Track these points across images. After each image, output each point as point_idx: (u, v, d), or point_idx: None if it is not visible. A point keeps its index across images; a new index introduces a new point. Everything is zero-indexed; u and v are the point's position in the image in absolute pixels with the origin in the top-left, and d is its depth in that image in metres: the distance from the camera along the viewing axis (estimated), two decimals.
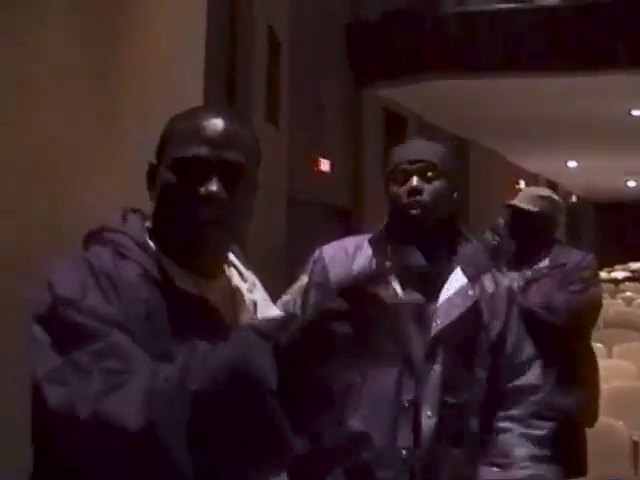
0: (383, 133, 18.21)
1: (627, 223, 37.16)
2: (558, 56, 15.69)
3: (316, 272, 2.93)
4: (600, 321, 10.15)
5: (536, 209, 5.23)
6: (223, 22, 12.38)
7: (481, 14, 17.37)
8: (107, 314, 1.66)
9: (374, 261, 2.87)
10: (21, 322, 2.03)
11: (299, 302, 2.92)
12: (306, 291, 2.93)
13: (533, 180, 29.15)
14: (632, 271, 25.81)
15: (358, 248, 2.94)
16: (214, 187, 1.76)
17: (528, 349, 2.94)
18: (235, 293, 1.94)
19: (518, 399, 2.88)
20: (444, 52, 16.68)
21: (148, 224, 1.91)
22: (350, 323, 1.30)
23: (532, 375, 2.93)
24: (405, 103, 18.91)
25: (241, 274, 2.00)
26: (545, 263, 5.22)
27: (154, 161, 1.89)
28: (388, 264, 2.78)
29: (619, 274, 25.17)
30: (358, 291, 1.32)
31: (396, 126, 19.26)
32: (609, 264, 26.76)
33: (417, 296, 2.74)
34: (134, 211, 1.95)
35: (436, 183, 2.85)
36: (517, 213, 5.32)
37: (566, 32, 15.92)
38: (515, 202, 5.36)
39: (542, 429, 2.88)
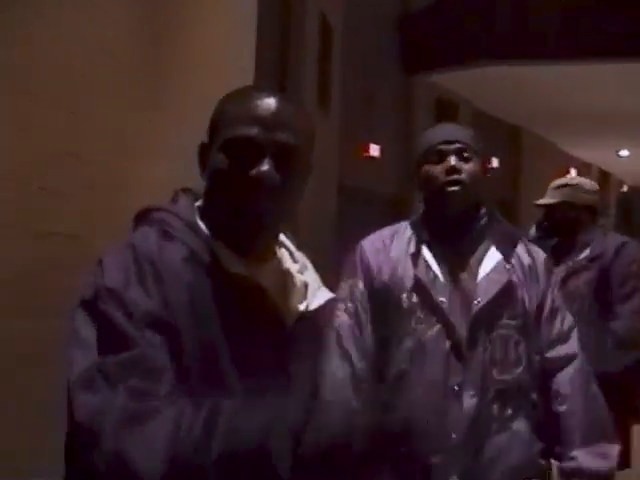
0: (434, 120, 18.13)
1: None
2: (612, 42, 15.54)
3: (363, 270, 2.95)
4: None
5: (554, 200, 5.16)
6: (275, 9, 12.41)
7: None
8: (146, 309, 1.67)
9: (413, 243, 2.89)
10: (20, 320, 2.08)
11: (364, 307, 2.92)
12: (363, 292, 2.94)
13: (585, 169, 28.89)
14: None
15: (395, 233, 2.97)
16: (265, 168, 1.74)
17: (568, 319, 2.94)
18: (286, 275, 1.93)
19: (558, 370, 2.88)
20: (496, 37, 16.58)
21: (199, 204, 1.89)
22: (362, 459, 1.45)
23: (570, 345, 2.92)
24: (457, 89, 18.83)
25: (292, 255, 2.00)
26: (586, 253, 5.07)
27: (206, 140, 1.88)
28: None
29: None
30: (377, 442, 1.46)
31: (447, 113, 19.16)
32: None
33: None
34: (185, 191, 1.93)
35: (472, 164, 2.89)
36: (546, 211, 5.28)
37: (620, 17, 15.76)
38: (538, 201, 5.31)
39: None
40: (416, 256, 2.85)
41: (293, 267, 1.97)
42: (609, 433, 2.93)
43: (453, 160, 2.86)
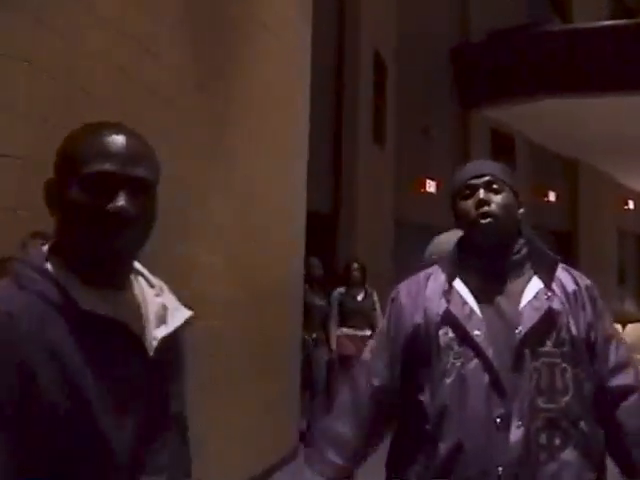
0: (490, 153, 18.13)
1: None
2: None
3: (394, 311, 2.99)
4: None
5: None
6: (331, 46, 12.53)
7: (588, 31, 17.21)
8: None
9: (445, 279, 2.90)
10: None
11: (385, 346, 2.98)
12: (388, 332, 2.99)
13: None
14: None
15: (430, 275, 2.99)
16: (122, 202, 1.79)
17: (622, 348, 2.90)
18: (144, 302, 1.97)
19: (620, 400, 2.85)
20: (551, 71, 16.56)
21: (48, 245, 1.90)
22: None
23: (629, 375, 2.89)
24: (512, 123, 18.80)
25: (148, 280, 2.04)
26: None
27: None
28: None
29: None
30: None
31: (503, 147, 19.15)
32: None
33: None
34: (34, 235, 1.96)
35: (503, 195, 2.89)
36: None
37: None
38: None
39: None
40: (449, 292, 2.86)
41: (150, 292, 2.01)
42: None
43: (482, 193, 2.87)
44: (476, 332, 2.78)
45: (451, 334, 2.81)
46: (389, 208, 14.19)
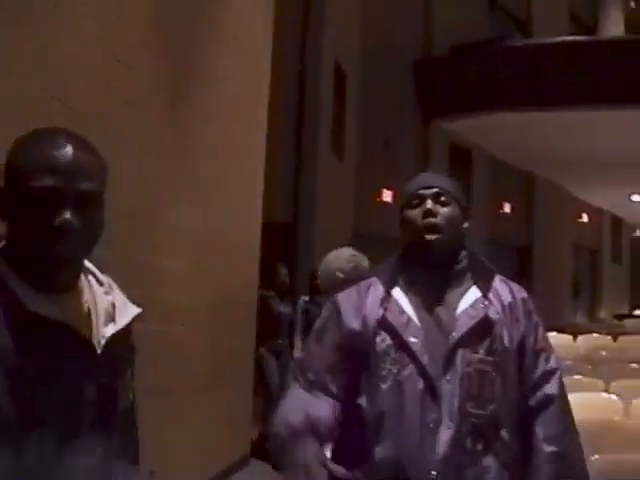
0: (449, 166, 18.22)
1: None
2: (626, 89, 15.61)
3: (331, 318, 3.02)
4: None
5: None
6: (293, 57, 12.55)
7: (548, 47, 17.38)
8: None
9: (384, 288, 2.94)
10: None
11: (319, 348, 3.02)
12: (323, 336, 3.01)
13: (597, 214, 28.92)
14: None
15: (371, 285, 3.02)
16: (67, 217, 1.80)
17: (552, 360, 2.94)
18: (92, 300, 1.99)
19: (539, 410, 2.89)
20: (510, 85, 16.69)
21: (1, 245, 1.91)
22: None
23: (551, 386, 2.93)
24: (471, 136, 18.90)
25: (97, 278, 2.05)
26: None
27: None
28: None
29: None
30: None
31: (461, 159, 19.24)
32: None
33: None
34: None
35: (449, 208, 2.95)
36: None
37: (634, 64, 15.85)
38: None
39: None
40: (386, 300, 2.90)
41: (100, 290, 2.02)
42: (581, 476, 2.93)
43: (430, 204, 2.93)
44: (412, 339, 2.81)
45: (389, 341, 2.84)
46: (349, 219, 14.23)
